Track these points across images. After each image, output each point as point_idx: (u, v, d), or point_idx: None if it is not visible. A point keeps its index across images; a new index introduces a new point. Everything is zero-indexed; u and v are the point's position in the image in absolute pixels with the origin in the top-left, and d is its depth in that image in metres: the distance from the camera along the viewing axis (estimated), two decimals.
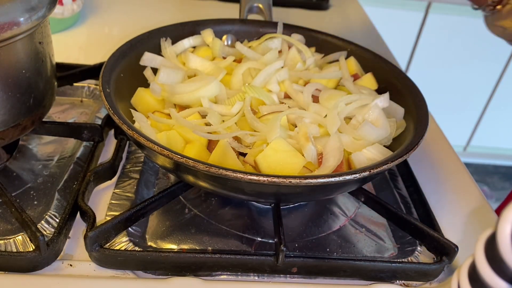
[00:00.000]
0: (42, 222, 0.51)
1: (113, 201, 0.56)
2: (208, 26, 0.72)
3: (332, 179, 0.44)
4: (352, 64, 0.69)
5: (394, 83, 0.64)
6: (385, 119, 0.57)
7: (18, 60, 0.51)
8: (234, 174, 0.43)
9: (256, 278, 0.50)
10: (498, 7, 0.58)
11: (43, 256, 0.46)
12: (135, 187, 0.58)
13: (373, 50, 0.70)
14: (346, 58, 0.70)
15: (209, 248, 0.52)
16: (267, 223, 0.56)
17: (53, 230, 0.50)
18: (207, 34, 0.70)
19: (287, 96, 0.62)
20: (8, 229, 0.51)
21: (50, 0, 0.52)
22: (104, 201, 0.56)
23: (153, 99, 0.59)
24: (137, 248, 0.50)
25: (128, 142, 0.64)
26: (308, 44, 0.73)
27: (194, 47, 0.71)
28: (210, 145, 0.53)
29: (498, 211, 0.75)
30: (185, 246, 0.52)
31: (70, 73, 0.71)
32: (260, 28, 0.75)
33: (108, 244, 0.49)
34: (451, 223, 0.59)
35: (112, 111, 0.50)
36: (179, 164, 0.45)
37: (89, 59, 0.80)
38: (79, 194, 0.52)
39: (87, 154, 0.61)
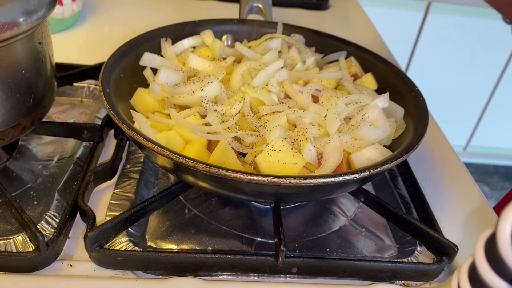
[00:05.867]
0: (42, 222, 0.51)
1: (113, 201, 0.56)
2: (208, 26, 0.72)
3: (332, 179, 0.44)
4: (352, 64, 0.69)
5: (394, 83, 0.64)
6: (385, 119, 0.57)
7: (18, 60, 0.50)
8: (234, 174, 0.43)
9: (256, 278, 0.50)
10: None
11: (43, 256, 0.46)
12: (135, 187, 0.58)
13: (373, 50, 0.70)
14: (346, 58, 0.70)
15: (209, 248, 0.52)
16: (267, 223, 0.56)
17: (53, 230, 0.50)
18: (207, 36, 0.70)
19: (287, 96, 0.62)
20: (8, 229, 0.51)
21: (50, 0, 0.52)
22: (104, 201, 0.56)
23: (153, 99, 0.59)
24: (137, 248, 0.50)
25: (128, 142, 0.64)
26: (308, 44, 0.73)
27: (194, 47, 0.71)
28: (210, 145, 0.53)
29: (496, 209, 0.75)
30: (185, 246, 0.52)
31: (70, 73, 0.71)
32: (260, 28, 0.74)
33: (108, 244, 0.49)
34: (451, 223, 0.59)
35: (112, 112, 0.50)
36: (179, 164, 0.45)
37: (89, 59, 0.80)
38: (79, 194, 0.52)
39: (87, 154, 0.61)
